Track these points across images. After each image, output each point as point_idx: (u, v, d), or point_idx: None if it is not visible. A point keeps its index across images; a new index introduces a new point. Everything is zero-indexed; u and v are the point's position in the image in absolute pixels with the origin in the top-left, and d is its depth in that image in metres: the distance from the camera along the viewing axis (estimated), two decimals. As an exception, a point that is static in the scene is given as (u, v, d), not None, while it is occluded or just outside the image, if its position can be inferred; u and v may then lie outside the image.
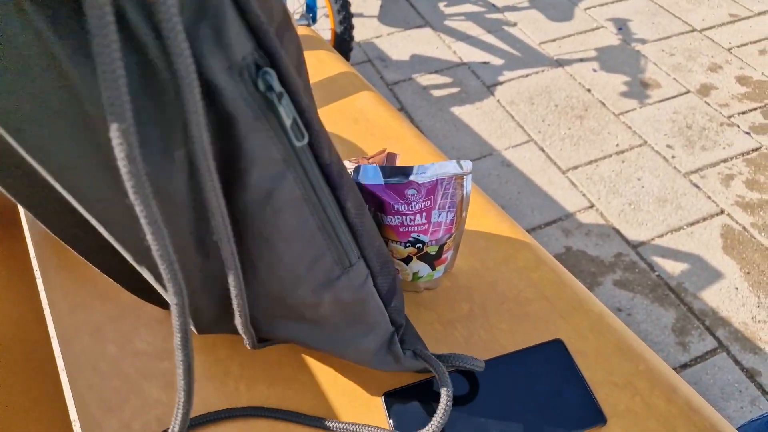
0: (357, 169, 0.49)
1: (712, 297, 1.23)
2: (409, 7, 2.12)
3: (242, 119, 0.23)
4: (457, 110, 1.69)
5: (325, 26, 1.94)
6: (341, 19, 1.56)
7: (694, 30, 1.98)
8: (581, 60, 1.86)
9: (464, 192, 0.50)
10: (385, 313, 0.40)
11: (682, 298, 1.23)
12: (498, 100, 1.72)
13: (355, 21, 2.04)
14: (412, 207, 0.48)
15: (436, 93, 1.75)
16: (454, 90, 1.76)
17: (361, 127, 0.76)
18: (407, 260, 0.53)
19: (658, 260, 1.30)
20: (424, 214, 0.49)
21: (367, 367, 0.46)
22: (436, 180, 0.47)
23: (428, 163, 0.48)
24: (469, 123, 1.64)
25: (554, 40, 1.94)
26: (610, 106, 1.69)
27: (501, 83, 1.78)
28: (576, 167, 1.51)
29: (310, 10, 1.69)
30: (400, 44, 1.94)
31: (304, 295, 0.34)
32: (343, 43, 1.59)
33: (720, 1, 2.11)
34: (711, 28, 1.99)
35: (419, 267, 0.55)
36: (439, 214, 0.50)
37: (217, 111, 0.22)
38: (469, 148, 1.57)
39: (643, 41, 1.93)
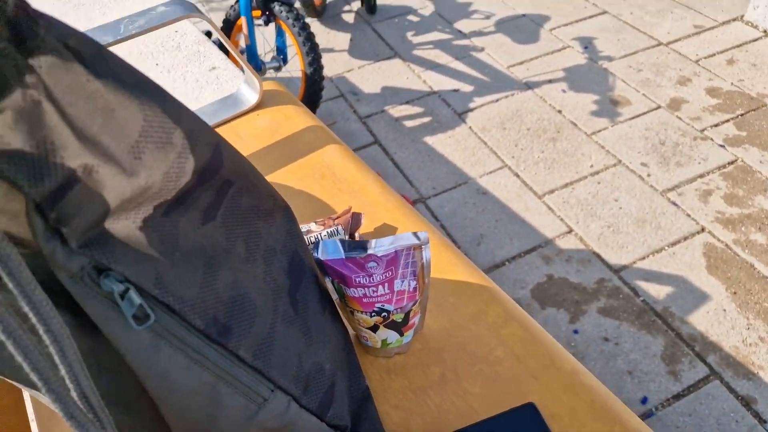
0: (317, 245, 0.48)
1: (700, 320, 1.20)
2: (377, 38, 2.12)
3: (97, 316, 0.25)
4: (430, 140, 1.67)
5: (295, 67, 1.93)
6: (310, 61, 1.55)
7: (660, 44, 1.99)
8: (550, 81, 1.86)
9: (424, 260, 0.50)
10: (321, 425, 0.40)
11: (669, 324, 1.20)
12: (470, 127, 1.71)
13: (325, 56, 2.04)
14: (373, 279, 0.48)
15: (409, 124, 1.73)
16: (426, 120, 1.74)
17: (328, 182, 0.75)
18: (374, 329, 0.53)
19: (641, 284, 1.28)
20: (386, 284, 0.49)
21: None
22: (395, 252, 0.48)
23: (386, 237, 0.48)
24: (442, 152, 1.63)
25: (522, 63, 1.94)
26: (582, 126, 1.69)
27: (472, 110, 1.77)
28: (552, 191, 1.50)
29: (281, 52, 1.68)
30: (370, 77, 1.93)
31: None
32: (314, 83, 1.58)
33: (683, 12, 2.14)
34: (677, 40, 2.01)
35: (387, 334, 0.55)
36: (402, 283, 0.50)
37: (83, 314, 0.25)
38: (444, 177, 1.55)
39: (610, 58, 1.94)
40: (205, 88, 0.95)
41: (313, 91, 1.60)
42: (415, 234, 0.48)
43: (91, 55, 0.23)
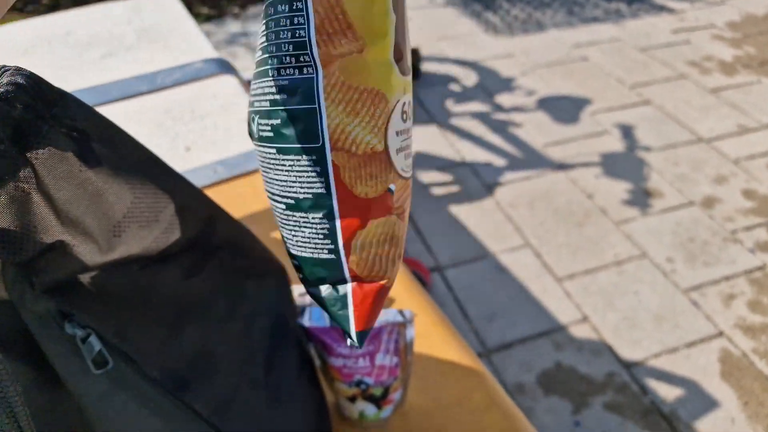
0: (303, 311, 0.50)
1: (707, 427, 1.16)
2: (417, 103, 2.21)
3: (57, 358, 0.27)
4: (456, 209, 1.71)
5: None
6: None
7: (700, 140, 2.00)
8: (584, 165, 1.88)
9: (407, 339, 0.51)
10: None
11: (674, 427, 1.16)
12: (497, 202, 1.74)
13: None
14: (354, 350, 0.49)
15: (437, 191, 1.78)
16: (455, 189, 1.79)
17: None
18: (352, 399, 0.53)
19: (651, 383, 1.24)
20: (367, 357, 0.50)
21: None
22: (380, 328, 0.48)
23: None
24: (466, 223, 1.66)
25: (558, 144, 1.98)
26: (611, 214, 1.69)
27: (502, 184, 1.80)
28: (572, 276, 1.50)
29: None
30: (407, 140, 2.00)
31: None
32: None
33: (729, 111, 2.14)
34: (718, 138, 2.00)
35: (365, 406, 0.55)
36: (383, 357, 0.50)
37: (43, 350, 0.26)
38: (465, 249, 1.57)
39: (648, 149, 1.95)
40: (235, 138, 1.00)
41: None
42: (400, 312, 0.48)
43: (98, 136, 0.26)
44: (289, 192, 0.26)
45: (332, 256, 0.27)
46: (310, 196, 0.26)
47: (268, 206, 0.81)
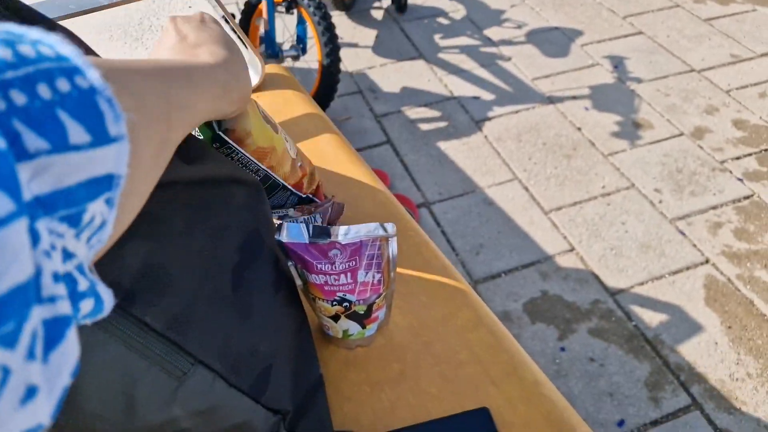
0: (279, 227, 0.48)
1: (690, 351, 1.19)
2: (403, 38, 2.13)
3: None
4: (444, 145, 1.68)
5: (315, 58, 1.96)
6: (328, 52, 1.56)
7: (692, 70, 1.95)
8: (574, 98, 1.84)
9: (390, 253, 0.49)
10: (257, 407, 0.39)
11: (658, 351, 1.19)
12: (485, 136, 1.70)
13: (348, 51, 2.05)
14: (335, 267, 0.48)
15: (424, 126, 1.74)
16: (442, 124, 1.75)
17: (319, 170, 0.77)
18: (335, 318, 0.52)
19: (636, 309, 1.26)
20: (349, 274, 0.48)
21: None
22: (360, 242, 0.47)
23: (354, 225, 0.47)
24: (454, 158, 1.63)
25: (548, 77, 1.93)
26: (600, 146, 1.67)
27: (490, 119, 1.76)
28: (559, 208, 1.49)
29: (300, 41, 1.70)
30: (392, 76, 1.94)
31: (150, 418, 0.32)
32: (329, 75, 1.59)
33: (721, 40, 2.08)
34: (710, 68, 1.96)
35: (348, 325, 0.54)
36: (366, 274, 0.49)
37: None
38: (452, 184, 1.55)
39: (639, 80, 1.91)
40: None
41: (328, 83, 1.61)
42: (382, 225, 0.46)
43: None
44: None
45: None
46: None
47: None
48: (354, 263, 0.49)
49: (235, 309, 0.38)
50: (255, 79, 0.93)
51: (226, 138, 0.45)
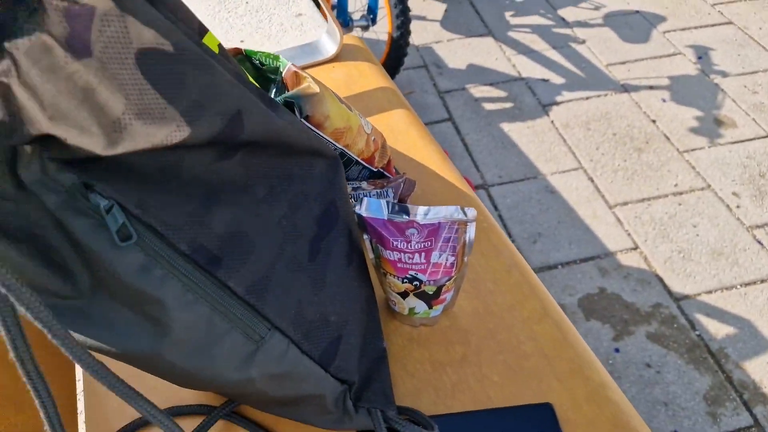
0: (360, 200, 0.48)
1: (757, 369, 1.11)
2: (474, 14, 2.05)
3: (86, 235, 0.27)
4: (507, 127, 1.61)
5: (383, 29, 1.91)
6: (399, 24, 1.52)
7: (785, 67, 1.80)
8: (650, 87, 1.73)
9: (467, 238, 0.49)
10: (326, 375, 0.40)
11: (721, 365, 1.12)
12: (552, 121, 1.63)
13: (416, 24, 2.00)
14: (410, 246, 0.47)
15: (488, 106, 1.68)
16: (507, 105, 1.68)
17: (389, 145, 0.75)
18: (404, 295, 0.53)
19: (701, 318, 1.19)
20: (423, 254, 0.48)
21: (321, 428, 0.46)
22: (438, 223, 0.46)
23: (434, 206, 0.47)
24: (517, 141, 1.57)
25: (624, 63, 1.82)
26: (675, 141, 1.56)
27: (558, 103, 1.68)
28: (625, 203, 1.41)
29: (371, 12, 1.66)
30: (458, 52, 1.88)
31: (229, 376, 0.35)
32: (398, 48, 1.56)
33: (822, 37, 1.91)
34: (806, 67, 1.80)
35: (416, 303, 0.54)
36: (439, 256, 0.49)
37: (68, 233, 0.27)
38: (513, 167, 1.50)
39: (724, 74, 1.78)
40: (288, 33, 0.97)
41: (396, 56, 1.57)
42: (462, 209, 0.46)
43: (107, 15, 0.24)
44: None
45: None
46: None
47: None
48: (429, 244, 0.49)
49: (310, 279, 0.39)
50: (333, 49, 0.92)
51: (306, 123, 0.48)
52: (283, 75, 0.54)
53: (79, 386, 0.78)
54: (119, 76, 0.25)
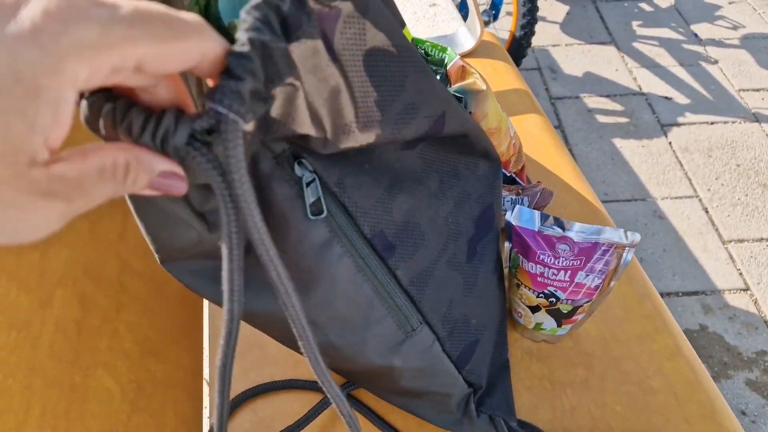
0: (513, 209, 0.48)
1: None
2: (597, 19, 1.98)
3: (285, 201, 0.28)
4: (620, 143, 1.56)
5: (505, 26, 1.88)
6: (524, 24, 1.50)
7: None
8: (785, 120, 1.60)
9: (621, 262, 0.47)
10: (458, 376, 0.41)
11: (828, 429, 1.04)
12: (670, 143, 1.55)
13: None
14: (558, 262, 0.46)
15: (602, 119, 1.63)
16: (623, 120, 1.62)
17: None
18: (534, 309, 0.52)
19: (811, 375, 1.11)
20: (569, 272, 0.47)
21: (436, 425, 0.46)
22: (595, 244, 0.45)
23: (590, 225, 0.46)
24: (629, 159, 1.51)
25: (758, 90, 1.69)
26: (806, 181, 1.45)
27: (679, 125, 1.60)
28: (741, 241, 1.33)
29: (495, 8, 1.64)
30: (576, 58, 1.82)
31: (372, 359, 0.35)
32: (519, 48, 1.53)
33: None
34: None
35: (545, 319, 0.53)
36: (585, 276, 0.47)
37: (268, 198, 0.28)
38: (622, 186, 1.45)
39: None
40: (421, 22, 0.96)
41: (515, 56, 1.55)
42: (625, 232, 0.44)
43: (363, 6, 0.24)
44: None
45: None
46: None
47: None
48: (579, 263, 0.47)
49: (464, 279, 0.39)
50: (471, 43, 0.91)
51: None
52: (448, 68, 0.54)
53: (205, 352, 0.84)
54: (351, 78, 0.25)
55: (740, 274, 1.27)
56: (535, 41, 1.89)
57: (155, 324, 0.48)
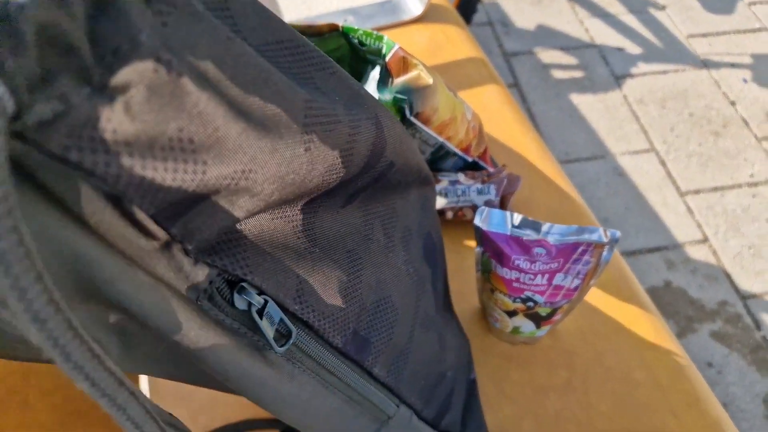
0: (482, 212, 0.43)
1: (825, 378, 1.08)
2: (546, -33, 1.91)
3: (218, 346, 0.19)
4: (577, 99, 1.52)
5: (450, -24, 1.79)
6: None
7: None
8: (732, 65, 1.61)
9: (601, 261, 0.44)
10: None
11: (787, 371, 1.08)
12: (625, 96, 1.53)
13: (483, -25, 1.86)
14: (535, 266, 0.43)
15: (557, 74, 1.58)
16: (578, 74, 1.58)
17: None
18: (512, 314, 0.49)
19: (767, 319, 1.15)
20: (546, 275, 0.43)
21: None
22: (574, 244, 0.41)
23: (567, 226, 0.42)
24: (587, 115, 1.49)
25: (705, 36, 1.69)
26: (754, 127, 1.47)
27: (632, 76, 1.58)
28: (697, 191, 1.34)
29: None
30: (527, 10, 1.76)
31: None
32: (468, 4, 1.45)
33: None
34: None
35: (523, 323, 0.50)
36: (563, 278, 0.44)
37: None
38: (581, 144, 1.42)
39: (815, 55, 1.64)
40: None
41: (465, 14, 1.47)
42: (605, 230, 0.41)
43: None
44: None
45: None
46: None
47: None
48: (556, 265, 0.44)
49: (438, 334, 0.34)
50: (419, 8, 0.83)
51: (415, 121, 0.43)
52: (387, 59, 0.46)
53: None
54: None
55: (698, 225, 1.28)
56: (484, -7, 1.81)
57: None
